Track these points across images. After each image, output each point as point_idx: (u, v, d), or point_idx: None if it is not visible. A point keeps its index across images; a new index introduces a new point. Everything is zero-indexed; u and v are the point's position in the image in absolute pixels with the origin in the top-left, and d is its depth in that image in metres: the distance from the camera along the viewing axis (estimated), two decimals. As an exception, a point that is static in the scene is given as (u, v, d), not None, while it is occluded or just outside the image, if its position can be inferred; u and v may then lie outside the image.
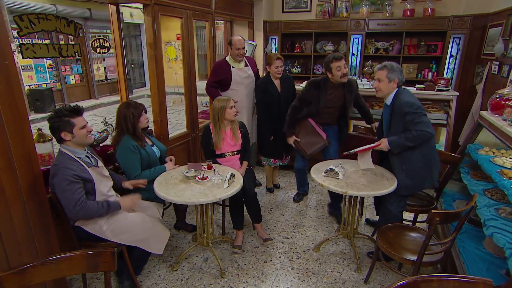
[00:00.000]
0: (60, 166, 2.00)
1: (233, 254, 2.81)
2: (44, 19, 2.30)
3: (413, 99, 2.40)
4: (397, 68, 2.48)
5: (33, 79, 8.53)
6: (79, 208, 2.00)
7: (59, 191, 1.99)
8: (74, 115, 2.06)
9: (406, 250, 2.13)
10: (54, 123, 2.03)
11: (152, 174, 2.58)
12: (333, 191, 2.48)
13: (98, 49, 3.13)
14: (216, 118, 2.87)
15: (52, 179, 2.01)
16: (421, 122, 2.33)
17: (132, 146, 2.48)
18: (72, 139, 2.07)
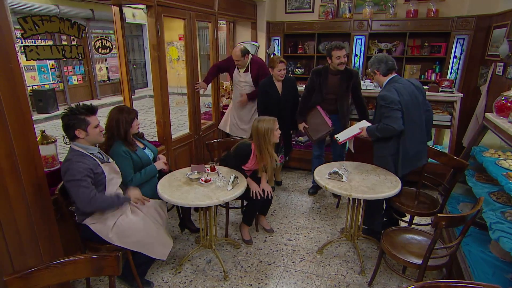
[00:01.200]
0: (73, 161, 2.02)
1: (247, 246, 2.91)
2: (48, 21, 2.30)
3: (391, 94, 2.51)
4: (374, 60, 2.67)
5: (36, 80, 8.56)
6: (93, 200, 2.01)
7: (73, 184, 1.99)
8: (89, 114, 2.09)
9: (410, 253, 2.11)
10: (69, 120, 2.05)
11: (144, 176, 2.54)
12: (337, 193, 2.47)
13: (100, 49, 3.14)
14: (263, 142, 2.65)
15: (66, 174, 2.00)
16: (389, 117, 2.51)
17: (123, 151, 2.44)
18: (85, 137, 2.10)
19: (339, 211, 3.54)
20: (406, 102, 2.51)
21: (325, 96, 3.44)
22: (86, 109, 2.08)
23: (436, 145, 4.29)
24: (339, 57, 3.24)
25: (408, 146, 2.60)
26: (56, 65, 9.22)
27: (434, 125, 3.93)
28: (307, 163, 4.36)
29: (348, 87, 3.39)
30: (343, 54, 3.24)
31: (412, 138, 2.60)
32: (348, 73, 3.36)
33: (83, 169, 2.00)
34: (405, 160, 2.65)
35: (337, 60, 3.25)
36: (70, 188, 2.01)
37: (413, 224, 2.88)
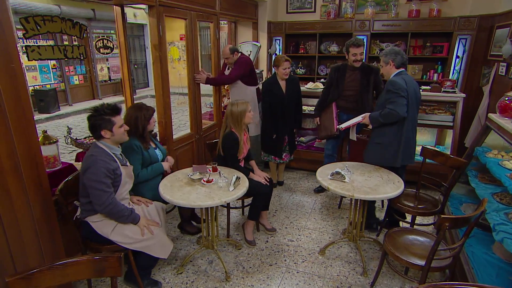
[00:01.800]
0: (98, 158, 2.04)
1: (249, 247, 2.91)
2: (49, 21, 2.30)
3: (401, 81, 2.58)
4: (391, 51, 2.70)
5: (37, 80, 8.56)
6: (110, 206, 2.04)
7: (94, 182, 2.00)
8: (114, 114, 2.12)
9: (413, 254, 2.10)
10: (96, 121, 2.08)
11: (150, 172, 2.59)
12: (339, 194, 2.46)
13: (101, 49, 3.13)
14: (236, 123, 2.81)
15: (88, 169, 2.01)
16: (395, 102, 2.57)
17: (135, 145, 2.50)
18: (111, 137, 2.13)
19: (341, 212, 3.53)
20: (411, 92, 2.62)
21: (343, 93, 3.47)
22: (111, 110, 2.11)
23: (438, 145, 4.27)
24: (355, 55, 3.29)
25: (407, 135, 2.70)
26: (58, 65, 9.23)
27: (436, 125, 3.94)
28: (309, 163, 4.36)
29: (368, 84, 3.40)
30: (359, 52, 3.29)
31: (408, 129, 2.71)
32: (367, 69, 3.39)
33: (105, 169, 2.03)
34: (405, 148, 2.72)
35: (353, 57, 3.31)
36: (89, 186, 2.03)
37: (415, 225, 2.86)
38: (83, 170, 2.05)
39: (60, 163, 2.52)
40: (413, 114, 2.70)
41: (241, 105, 2.82)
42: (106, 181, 2.04)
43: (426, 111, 3.95)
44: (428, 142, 4.36)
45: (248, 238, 2.97)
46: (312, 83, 4.50)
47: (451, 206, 2.89)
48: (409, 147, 2.76)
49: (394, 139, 2.71)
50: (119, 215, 2.11)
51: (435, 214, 2.72)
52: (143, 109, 2.57)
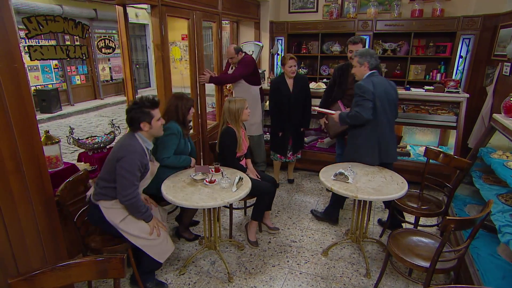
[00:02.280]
0: (136, 149, 2.08)
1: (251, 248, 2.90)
2: (52, 21, 2.29)
3: (367, 84, 2.69)
4: (367, 53, 2.76)
5: (39, 80, 8.57)
6: (133, 196, 2.06)
7: (126, 171, 2.02)
8: (153, 107, 2.15)
9: (418, 256, 2.08)
10: (136, 113, 2.10)
11: (179, 161, 2.66)
12: (343, 195, 2.44)
13: (103, 49, 3.13)
14: (234, 120, 2.83)
15: (123, 158, 2.02)
16: (361, 105, 2.69)
17: (177, 130, 2.60)
18: (149, 130, 2.16)
19: (343, 212, 3.51)
20: (379, 94, 2.70)
21: (346, 92, 3.46)
22: (150, 103, 2.13)
23: (441, 146, 4.25)
24: (352, 51, 3.29)
25: (382, 136, 2.78)
26: (60, 65, 9.24)
27: (439, 125, 3.92)
28: (311, 164, 4.34)
29: None
30: (355, 49, 3.23)
31: (383, 130, 2.78)
32: None
33: (140, 162, 2.07)
34: (383, 148, 2.80)
35: (350, 54, 3.32)
36: (120, 174, 2.04)
37: (418, 226, 2.85)
38: (118, 157, 2.04)
39: (62, 163, 2.51)
40: (387, 115, 2.76)
41: (238, 102, 2.83)
42: (137, 174, 2.07)
43: (429, 111, 3.93)
44: (431, 142, 4.35)
45: (251, 238, 2.95)
46: (314, 83, 4.48)
47: (455, 207, 2.87)
48: (386, 147, 2.82)
49: (367, 140, 2.80)
50: (137, 210, 2.13)
51: (439, 215, 2.71)
52: (184, 99, 2.67)
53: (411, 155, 4.06)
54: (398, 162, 3.48)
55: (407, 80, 4.78)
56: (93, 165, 2.75)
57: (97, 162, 2.77)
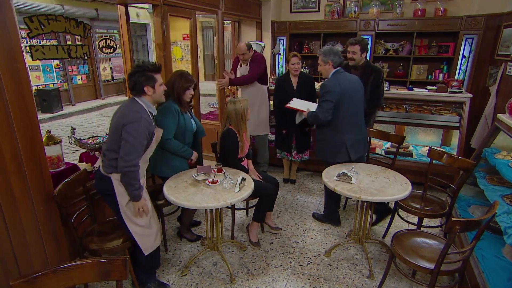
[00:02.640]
0: (143, 116, 2.01)
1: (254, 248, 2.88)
2: (53, 20, 2.28)
3: (331, 84, 2.82)
4: (330, 51, 2.87)
5: (40, 79, 8.56)
6: (134, 164, 1.99)
7: (132, 137, 1.97)
8: (156, 72, 2.11)
9: (422, 257, 2.06)
10: (140, 77, 2.06)
11: (181, 150, 2.61)
12: (346, 196, 2.43)
13: (104, 49, 3.12)
14: (241, 121, 2.77)
15: (130, 124, 1.97)
16: (320, 106, 2.88)
17: (174, 109, 2.53)
18: (152, 94, 2.12)
19: (345, 213, 3.49)
20: (348, 90, 2.83)
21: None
22: (153, 67, 2.09)
23: (444, 146, 4.23)
24: (349, 52, 3.32)
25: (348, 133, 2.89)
26: (61, 65, 9.23)
27: (442, 126, 3.90)
28: (312, 164, 4.32)
29: (367, 83, 3.33)
30: (352, 50, 3.30)
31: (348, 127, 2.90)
32: (369, 69, 3.37)
33: (147, 130, 2.03)
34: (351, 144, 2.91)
35: (349, 55, 3.34)
36: (125, 139, 1.97)
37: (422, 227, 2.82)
38: (124, 123, 1.97)
39: (64, 163, 2.50)
40: (354, 110, 2.90)
41: (243, 102, 2.79)
42: (143, 142, 2.03)
43: (432, 111, 3.91)
44: (434, 142, 4.32)
45: (253, 239, 2.94)
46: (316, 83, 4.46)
47: (459, 208, 2.85)
48: (355, 143, 2.93)
49: (332, 137, 2.93)
50: (131, 182, 2.04)
51: (442, 216, 2.69)
52: (183, 78, 2.59)
53: (414, 155, 4.03)
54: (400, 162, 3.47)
55: (409, 80, 4.76)
56: (95, 165, 2.74)
57: (98, 162, 2.76)
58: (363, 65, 3.37)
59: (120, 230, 2.29)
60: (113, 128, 2.05)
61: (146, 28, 12.09)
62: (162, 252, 2.81)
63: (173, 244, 2.95)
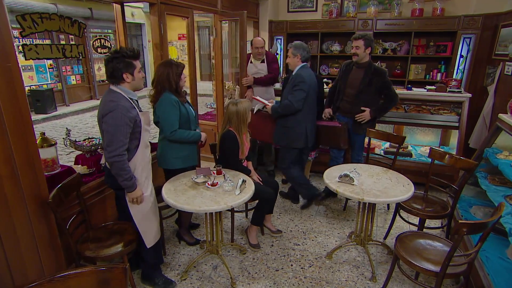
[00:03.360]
0: (119, 104, 1.95)
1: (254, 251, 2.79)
2: (47, 19, 2.22)
3: (305, 75, 3.06)
4: (301, 46, 3.11)
5: (33, 80, 8.41)
6: (118, 153, 1.95)
7: (112, 127, 1.93)
8: (135, 58, 2.05)
9: (426, 260, 2.03)
10: (118, 63, 1.99)
11: (188, 136, 2.57)
12: (348, 197, 2.39)
13: (99, 49, 3.05)
14: (242, 123, 2.71)
15: (108, 114, 1.93)
16: (293, 95, 3.07)
17: (174, 101, 2.47)
18: (131, 81, 2.06)
19: (346, 214, 3.46)
20: (311, 84, 3.11)
21: (345, 90, 3.42)
22: (132, 52, 2.03)
23: (442, 146, 4.22)
24: (352, 47, 3.29)
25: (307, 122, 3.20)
26: (55, 65, 9.07)
27: (441, 125, 3.89)
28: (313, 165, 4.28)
29: (370, 84, 3.26)
30: (356, 45, 3.24)
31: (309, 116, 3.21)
32: (373, 69, 3.27)
33: (126, 116, 1.95)
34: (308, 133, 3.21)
35: (352, 50, 3.32)
36: (106, 131, 1.95)
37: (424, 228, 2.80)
38: (103, 115, 1.95)
39: (59, 166, 2.43)
40: (312, 102, 3.22)
41: (244, 103, 2.73)
42: (125, 130, 1.96)
43: (431, 111, 3.89)
44: (432, 142, 4.31)
45: (253, 242, 2.89)
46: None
47: (460, 209, 2.83)
48: (311, 132, 3.27)
49: (298, 127, 3.18)
50: (119, 172, 2.00)
51: (444, 217, 2.66)
52: (173, 65, 2.51)
53: (413, 155, 4.02)
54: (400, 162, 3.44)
55: (407, 80, 4.74)
56: (91, 167, 2.67)
57: (94, 164, 2.69)
58: (367, 64, 3.29)
59: (117, 235, 2.23)
60: (99, 123, 2.04)
61: (141, 28, 12.00)
62: (161, 256, 2.75)
63: (172, 247, 2.89)
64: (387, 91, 3.31)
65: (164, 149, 2.62)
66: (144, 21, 11.70)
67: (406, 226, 3.18)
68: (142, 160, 2.17)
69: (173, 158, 2.62)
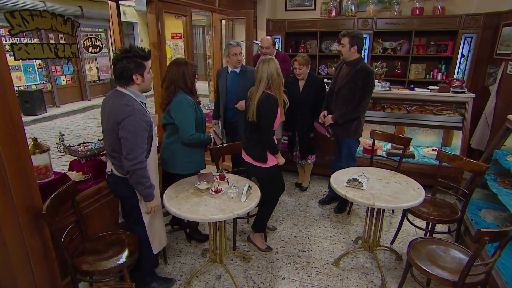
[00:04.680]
0: (136, 108, 1.85)
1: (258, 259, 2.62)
2: (38, 16, 2.08)
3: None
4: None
5: (21, 80, 8.12)
6: (140, 160, 1.87)
7: (132, 134, 1.83)
8: (146, 58, 1.93)
9: (442, 268, 1.95)
10: (129, 63, 1.86)
11: (203, 140, 2.49)
12: (359, 203, 2.30)
13: (90, 48, 2.92)
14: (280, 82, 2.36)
15: (126, 119, 1.82)
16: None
17: (192, 101, 2.37)
18: (141, 83, 1.95)
19: (351, 218, 3.38)
20: None
21: (334, 89, 3.21)
22: (144, 52, 1.91)
23: (444, 147, 4.17)
24: (339, 45, 3.09)
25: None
26: (43, 65, 8.79)
27: (444, 126, 3.83)
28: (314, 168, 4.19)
29: (351, 81, 3.00)
30: (341, 42, 3.01)
31: None
32: (357, 66, 3.00)
33: (145, 122, 1.87)
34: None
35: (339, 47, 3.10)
36: (124, 137, 1.84)
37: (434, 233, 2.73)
38: (118, 120, 1.83)
39: (52, 173, 2.28)
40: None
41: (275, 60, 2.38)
42: (144, 135, 1.87)
43: (434, 111, 3.84)
44: (434, 143, 4.26)
45: (262, 247, 2.80)
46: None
47: (469, 212, 2.77)
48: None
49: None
50: (141, 180, 1.92)
51: (454, 222, 2.59)
52: (188, 64, 2.40)
53: (416, 156, 3.96)
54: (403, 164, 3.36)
55: (407, 80, 4.68)
56: (86, 174, 2.52)
57: (90, 170, 2.54)
58: (355, 61, 3.01)
59: (116, 246, 2.10)
60: (109, 128, 1.91)
61: (133, 27, 11.75)
62: (162, 265, 2.63)
63: (173, 256, 2.76)
64: (359, 94, 3.00)
65: (175, 153, 2.49)
66: (136, 20, 11.47)
67: (412, 230, 3.11)
68: (152, 164, 2.10)
69: (186, 162, 2.53)
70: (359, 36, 2.96)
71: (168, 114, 2.42)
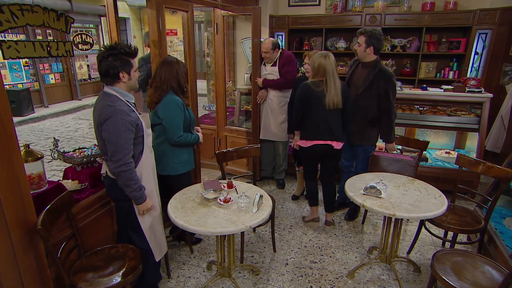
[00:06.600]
0: (117, 109, 1.79)
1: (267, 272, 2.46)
2: (29, 11, 1.89)
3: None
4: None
5: (7, 79, 7.65)
6: (125, 162, 1.81)
7: (113, 135, 1.78)
8: (132, 56, 1.88)
9: (472, 284, 1.80)
10: (115, 60, 1.80)
11: (190, 140, 2.43)
12: (378, 213, 2.14)
13: (80, 45, 2.73)
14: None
15: (106, 121, 1.77)
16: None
17: (180, 102, 2.31)
18: (127, 81, 1.89)
19: (364, 227, 3.20)
20: None
21: (353, 93, 2.97)
22: (130, 49, 1.85)
23: (458, 149, 4.01)
24: (355, 44, 2.92)
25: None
26: (30, 63, 8.32)
27: (459, 128, 3.67)
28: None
29: (371, 88, 2.84)
30: (357, 41, 2.85)
31: None
32: (376, 69, 2.82)
33: (127, 121, 1.80)
34: None
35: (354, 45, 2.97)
36: (107, 139, 1.80)
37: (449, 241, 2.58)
38: (102, 121, 1.79)
39: (46, 182, 2.08)
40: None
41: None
42: (127, 135, 1.80)
43: (447, 112, 3.68)
44: (447, 145, 4.10)
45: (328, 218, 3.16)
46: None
47: (492, 220, 2.61)
48: None
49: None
50: (127, 183, 1.86)
51: (478, 232, 2.43)
52: (179, 62, 2.35)
53: (429, 159, 3.79)
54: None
55: (417, 79, 4.50)
56: (83, 182, 2.33)
57: (87, 178, 2.35)
58: (372, 63, 2.84)
59: (117, 261, 1.93)
60: (96, 130, 1.89)
61: (125, 23, 11.38)
62: (165, 279, 2.46)
63: (176, 269, 2.59)
64: (384, 101, 2.82)
65: (164, 154, 2.39)
66: (128, 15, 11.12)
67: (428, 238, 2.96)
68: (148, 166, 2.01)
69: (175, 163, 2.43)
70: (377, 36, 2.76)
71: (156, 115, 2.33)
